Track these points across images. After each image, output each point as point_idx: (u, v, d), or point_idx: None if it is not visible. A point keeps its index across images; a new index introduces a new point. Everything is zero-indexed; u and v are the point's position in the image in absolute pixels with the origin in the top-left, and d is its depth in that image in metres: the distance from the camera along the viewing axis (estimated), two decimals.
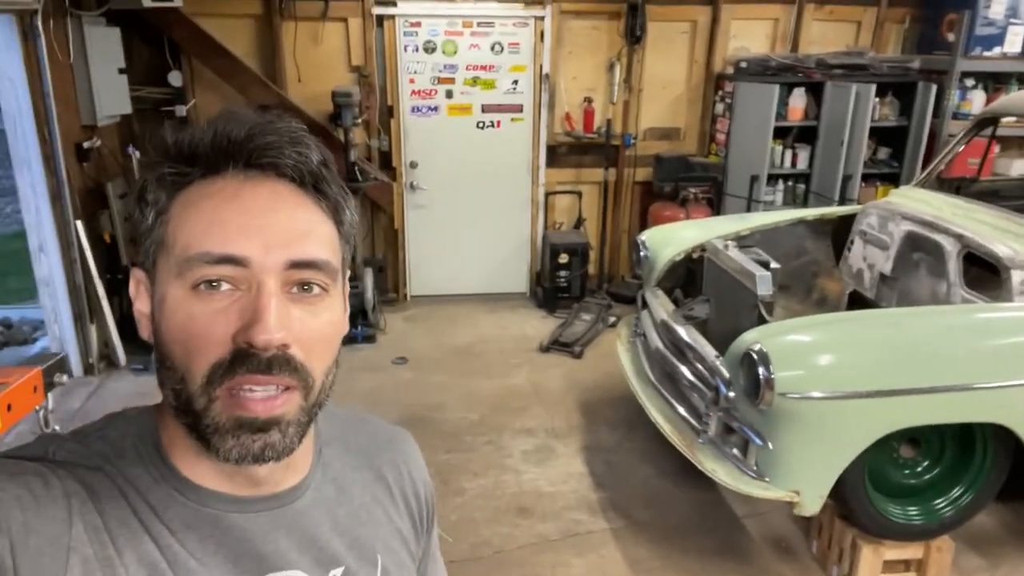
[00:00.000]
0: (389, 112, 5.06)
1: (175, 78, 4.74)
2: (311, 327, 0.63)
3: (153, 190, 0.63)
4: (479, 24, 4.96)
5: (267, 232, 0.61)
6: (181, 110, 4.80)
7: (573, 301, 5.15)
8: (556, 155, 5.32)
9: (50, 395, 2.10)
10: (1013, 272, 2.61)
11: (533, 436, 3.64)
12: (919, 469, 2.60)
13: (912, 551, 2.59)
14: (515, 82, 5.09)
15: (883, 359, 2.36)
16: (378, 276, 5.13)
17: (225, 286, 0.60)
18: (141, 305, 0.66)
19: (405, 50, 4.95)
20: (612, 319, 4.89)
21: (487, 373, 4.33)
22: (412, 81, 5.03)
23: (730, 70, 5.19)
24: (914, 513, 2.55)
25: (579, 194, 5.38)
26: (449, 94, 5.06)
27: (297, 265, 0.61)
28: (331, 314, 0.65)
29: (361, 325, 4.72)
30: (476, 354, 4.60)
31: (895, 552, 2.58)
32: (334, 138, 4.83)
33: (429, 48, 4.97)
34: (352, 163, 4.74)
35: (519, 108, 5.15)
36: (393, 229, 5.31)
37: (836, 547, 2.69)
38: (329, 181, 0.65)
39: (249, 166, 0.62)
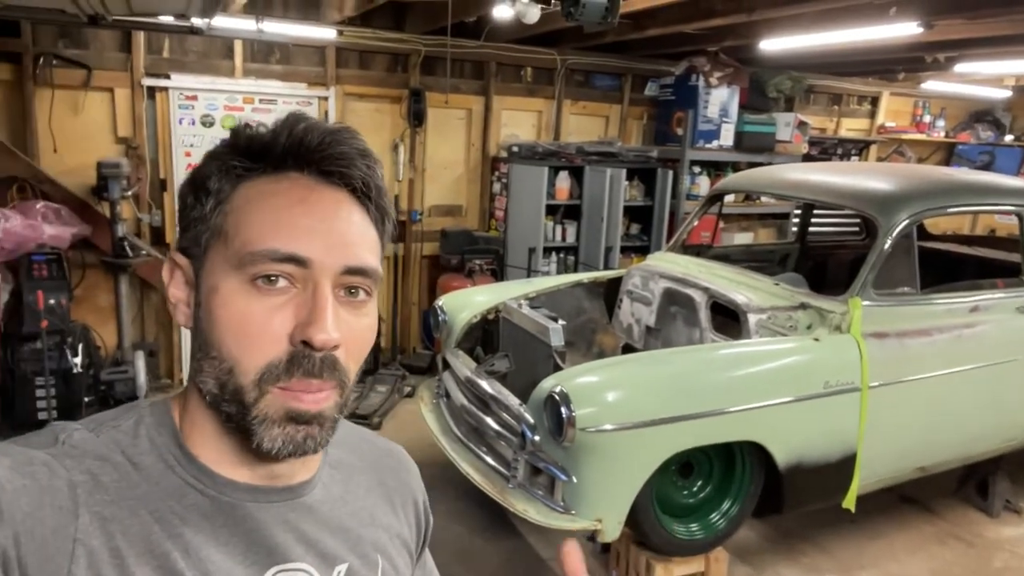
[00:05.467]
0: (162, 186, 4.81)
1: None
2: (355, 330, 0.65)
3: (216, 180, 0.65)
4: (261, 101, 4.95)
5: (329, 236, 0.63)
6: None
7: (367, 374, 5.13)
8: None
9: None
10: (749, 315, 3.15)
11: None
12: (695, 489, 2.96)
13: (696, 565, 2.92)
14: None
15: (658, 392, 2.70)
16: (149, 361, 4.73)
17: (282, 283, 0.62)
18: (177, 291, 0.68)
19: (180, 123, 4.77)
20: (407, 389, 4.95)
21: None
22: (188, 155, 4.84)
23: (504, 153, 5.69)
24: (695, 529, 2.89)
25: None
26: None
27: (351, 271, 0.64)
28: (371, 319, 0.68)
29: None
30: None
31: (682, 567, 2.89)
32: (96, 212, 4.48)
33: (207, 122, 4.85)
34: (120, 238, 4.41)
35: None
36: (167, 310, 4.96)
37: (632, 572, 2.94)
38: (384, 194, 0.69)
39: (319, 172, 0.65)
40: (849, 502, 3.06)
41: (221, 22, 4.28)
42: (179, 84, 4.71)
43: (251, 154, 0.65)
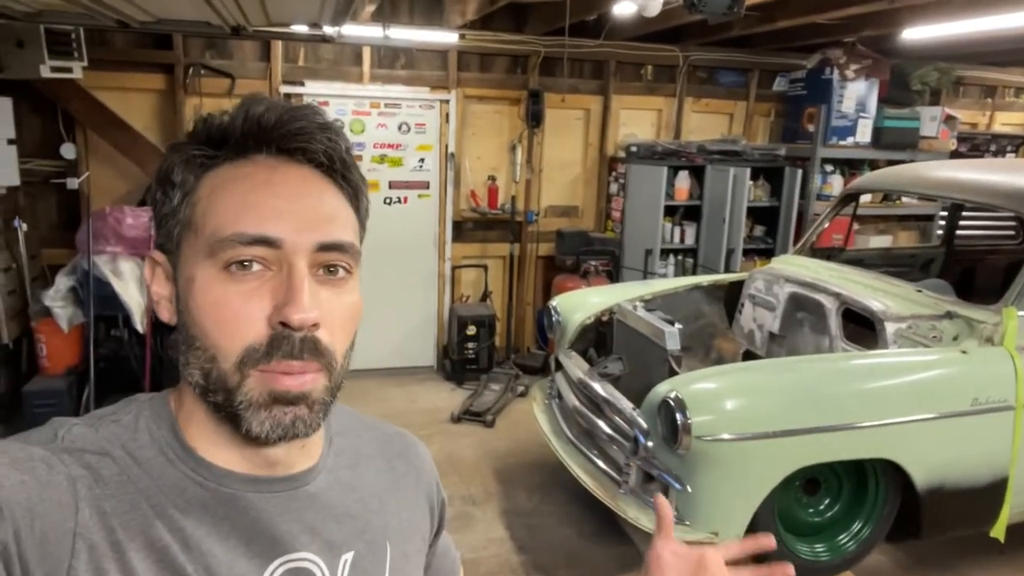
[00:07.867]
0: None
1: (68, 150, 4.58)
2: (336, 308, 0.65)
3: (180, 172, 0.65)
4: (386, 105, 5.13)
5: (299, 215, 0.62)
6: (73, 183, 4.62)
7: (481, 372, 5.20)
8: (462, 230, 5.49)
9: None
10: (887, 324, 2.92)
11: (450, 504, 3.58)
12: (822, 507, 2.79)
13: None
14: (421, 160, 5.26)
15: (782, 402, 2.56)
16: None
17: (256, 267, 0.61)
18: (159, 288, 0.68)
19: None
20: (521, 388, 4.97)
21: None
22: None
23: (621, 154, 5.60)
24: (821, 550, 2.72)
25: (485, 268, 5.54)
26: None
27: (325, 247, 0.63)
28: (353, 296, 0.67)
29: None
30: None
31: None
32: None
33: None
34: None
35: (426, 185, 5.31)
36: None
37: None
38: (352, 168, 0.67)
39: (280, 151, 0.64)
40: (998, 531, 2.78)
41: (350, 30, 4.47)
42: (313, 91, 4.96)
43: (212, 142, 0.64)
